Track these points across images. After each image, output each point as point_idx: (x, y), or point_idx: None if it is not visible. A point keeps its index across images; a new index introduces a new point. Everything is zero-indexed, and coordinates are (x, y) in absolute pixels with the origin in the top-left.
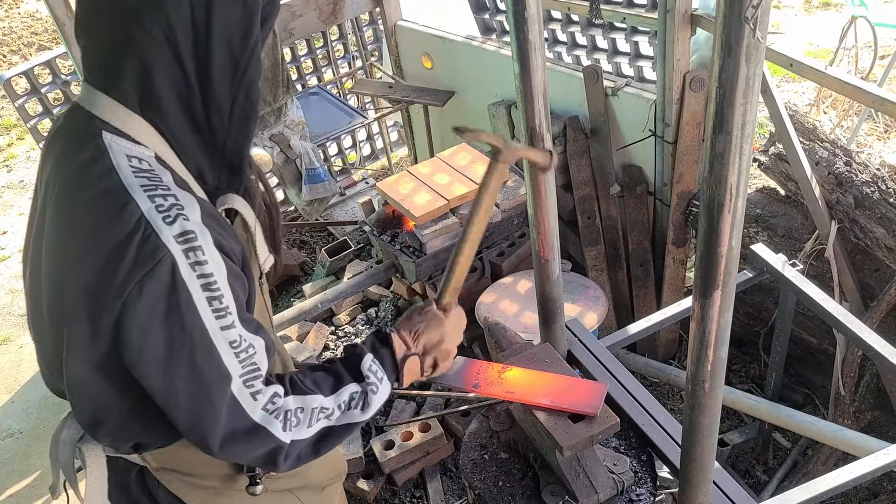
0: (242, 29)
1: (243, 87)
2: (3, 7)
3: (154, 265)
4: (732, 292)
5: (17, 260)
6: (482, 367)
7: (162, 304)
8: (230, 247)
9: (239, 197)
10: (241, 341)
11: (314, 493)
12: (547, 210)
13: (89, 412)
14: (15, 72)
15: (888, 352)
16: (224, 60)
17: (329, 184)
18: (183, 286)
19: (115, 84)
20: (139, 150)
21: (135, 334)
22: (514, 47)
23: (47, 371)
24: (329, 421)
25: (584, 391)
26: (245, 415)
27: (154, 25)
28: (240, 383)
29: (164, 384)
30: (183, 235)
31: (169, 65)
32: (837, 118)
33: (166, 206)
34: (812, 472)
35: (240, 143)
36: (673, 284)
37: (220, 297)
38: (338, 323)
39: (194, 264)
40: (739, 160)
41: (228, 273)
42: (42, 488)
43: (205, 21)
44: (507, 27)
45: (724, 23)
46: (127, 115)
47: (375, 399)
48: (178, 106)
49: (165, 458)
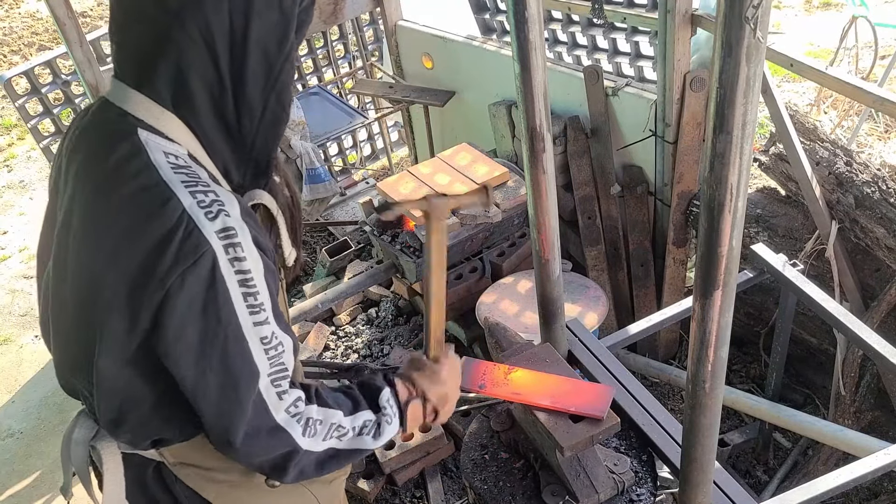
0: (278, 34)
1: (276, 91)
2: (4, 7)
3: (196, 259)
4: (733, 292)
5: (18, 260)
6: (488, 367)
7: (201, 297)
8: (266, 244)
9: (266, 192)
10: (272, 338)
11: (323, 485)
12: (547, 210)
13: (115, 408)
14: (15, 72)
15: (888, 352)
16: (259, 64)
17: (329, 184)
18: (222, 281)
19: (150, 81)
20: (174, 147)
21: (173, 325)
22: (515, 47)
23: (64, 369)
24: (340, 442)
25: (591, 394)
26: (269, 413)
27: (193, 26)
28: (267, 381)
29: (196, 375)
30: (224, 231)
31: (205, 65)
32: (838, 118)
33: (207, 201)
34: (812, 472)
35: (268, 144)
36: (673, 284)
37: (256, 293)
38: (338, 323)
39: (233, 260)
40: (740, 160)
41: (265, 269)
42: (42, 488)
43: (242, 25)
44: (507, 27)
45: (725, 23)
46: (160, 113)
47: (387, 430)
48: (210, 106)
49: (183, 453)
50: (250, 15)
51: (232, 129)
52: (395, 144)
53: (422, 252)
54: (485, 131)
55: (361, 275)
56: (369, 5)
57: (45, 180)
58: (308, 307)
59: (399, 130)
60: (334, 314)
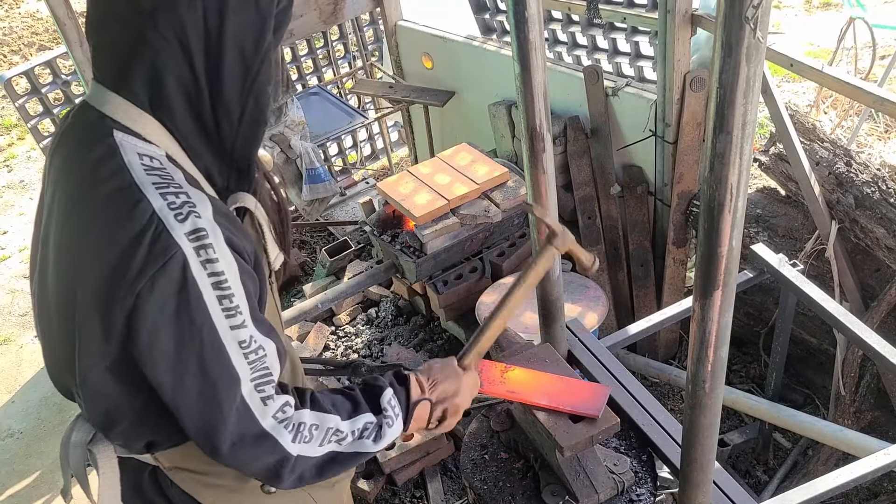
0: (255, 34)
1: (254, 93)
2: (4, 7)
3: (165, 262)
4: (732, 292)
5: (18, 260)
6: (485, 365)
7: (172, 300)
8: (242, 245)
9: (249, 195)
10: (250, 342)
11: (325, 489)
12: (547, 210)
13: (102, 412)
14: (15, 72)
15: (888, 352)
16: (235, 64)
17: (329, 184)
18: (193, 283)
19: (126, 83)
20: (151, 148)
21: (145, 330)
22: (515, 47)
23: (56, 372)
24: (339, 446)
25: (586, 393)
26: (254, 420)
27: (167, 27)
28: (250, 387)
29: (173, 381)
30: (194, 233)
31: (179, 66)
32: (837, 118)
33: (178, 203)
34: (812, 472)
35: (248, 147)
36: (673, 284)
37: (231, 295)
38: (338, 323)
39: (205, 262)
40: (740, 160)
41: (240, 271)
42: (42, 488)
43: (217, 24)
44: (507, 27)
45: (725, 23)
46: (138, 115)
47: (389, 433)
48: (186, 107)
49: (178, 458)
50: (225, 13)
51: (210, 131)
52: (395, 144)
53: (422, 251)
54: (485, 131)
55: (361, 275)
56: (369, 5)
57: None
58: (308, 307)
59: (399, 130)
60: (334, 314)
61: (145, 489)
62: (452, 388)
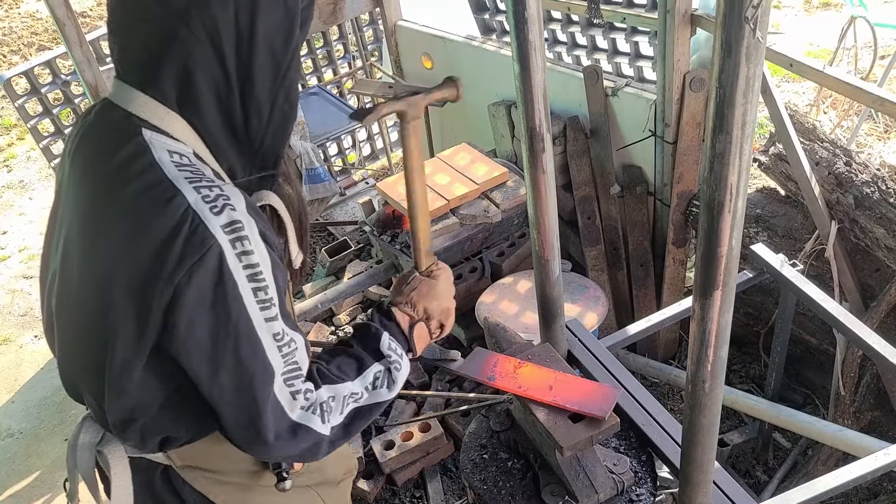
0: (284, 31)
1: (284, 89)
2: (3, 7)
3: (202, 255)
4: (732, 292)
5: (18, 260)
6: (499, 360)
7: (209, 293)
8: (273, 239)
9: (273, 193)
10: (283, 335)
11: (331, 488)
12: (547, 210)
13: (126, 408)
14: (15, 72)
15: (888, 352)
16: (266, 62)
17: (329, 184)
18: (230, 276)
19: (155, 81)
20: (179, 146)
21: (182, 322)
22: (514, 47)
23: (74, 374)
24: (357, 403)
25: (595, 394)
26: (286, 415)
27: (199, 26)
28: (281, 382)
29: (209, 374)
30: (230, 225)
31: (211, 65)
32: (837, 118)
33: (212, 196)
34: (812, 472)
35: (277, 144)
36: (673, 284)
37: (265, 287)
38: (338, 323)
39: (241, 254)
40: (739, 160)
41: (272, 264)
42: (42, 488)
43: (249, 23)
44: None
45: (724, 23)
46: (165, 113)
47: (400, 376)
48: (216, 106)
49: (190, 456)
50: (256, 12)
51: (238, 129)
52: (394, 144)
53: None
54: (484, 131)
55: (361, 275)
56: (369, 5)
57: (45, 180)
58: (308, 307)
59: (399, 130)
60: (334, 314)
61: (157, 489)
62: (431, 297)
